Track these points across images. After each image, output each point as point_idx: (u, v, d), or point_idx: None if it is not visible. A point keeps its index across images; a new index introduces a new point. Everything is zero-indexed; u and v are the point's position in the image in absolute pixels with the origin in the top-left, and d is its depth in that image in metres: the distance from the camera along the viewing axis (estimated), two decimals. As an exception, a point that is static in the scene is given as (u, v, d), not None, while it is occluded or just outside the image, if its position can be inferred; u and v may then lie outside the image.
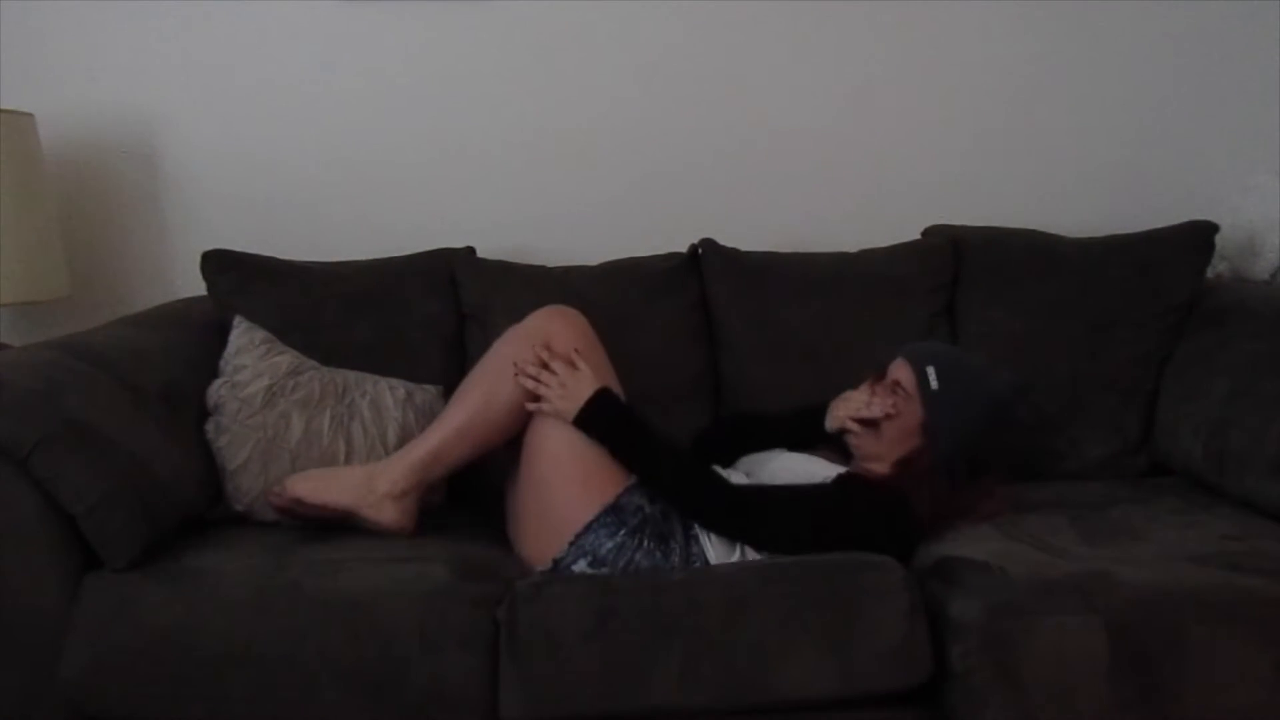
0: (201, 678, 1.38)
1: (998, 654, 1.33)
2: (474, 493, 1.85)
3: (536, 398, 1.61)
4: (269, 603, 1.42)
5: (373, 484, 1.60)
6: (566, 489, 1.58)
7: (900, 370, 1.71)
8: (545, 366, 1.61)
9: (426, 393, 1.87)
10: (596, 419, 1.58)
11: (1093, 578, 1.38)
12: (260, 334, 1.84)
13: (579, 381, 1.59)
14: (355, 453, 1.74)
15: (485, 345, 1.98)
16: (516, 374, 1.61)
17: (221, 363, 1.79)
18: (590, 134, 2.29)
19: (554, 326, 1.66)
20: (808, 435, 1.81)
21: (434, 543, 1.60)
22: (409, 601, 1.41)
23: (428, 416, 1.80)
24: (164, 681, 1.38)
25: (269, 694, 1.38)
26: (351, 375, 1.85)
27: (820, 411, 1.80)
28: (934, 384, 1.65)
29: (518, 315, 1.74)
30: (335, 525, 1.62)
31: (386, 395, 1.82)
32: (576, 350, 1.63)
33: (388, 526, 1.60)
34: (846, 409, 1.75)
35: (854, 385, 1.78)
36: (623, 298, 2.02)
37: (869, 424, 1.70)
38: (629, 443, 1.59)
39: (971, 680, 1.34)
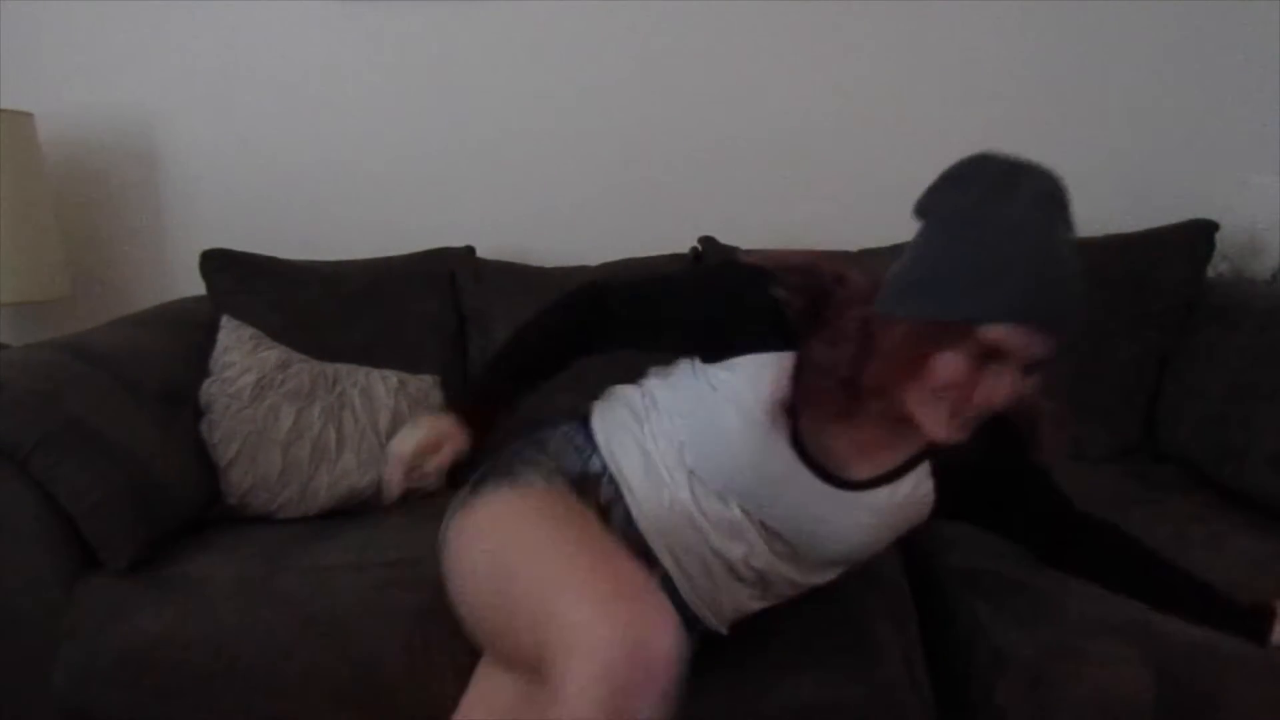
0: (190, 687, 1.37)
1: (1042, 693, 1.29)
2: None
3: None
4: (256, 615, 1.41)
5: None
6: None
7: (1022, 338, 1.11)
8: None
9: (421, 381, 1.87)
10: (474, 404, 1.27)
11: (1139, 624, 1.32)
12: (248, 330, 1.84)
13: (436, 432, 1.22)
14: (347, 441, 1.74)
15: (485, 345, 1.98)
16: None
17: (211, 362, 1.80)
18: (590, 134, 2.29)
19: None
20: None
21: (430, 538, 1.59)
22: (395, 620, 1.39)
23: (421, 404, 1.81)
24: (153, 689, 1.38)
25: (256, 706, 1.37)
26: (343, 367, 1.85)
27: None
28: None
29: (518, 316, 1.73)
30: (331, 527, 1.62)
31: (378, 384, 1.82)
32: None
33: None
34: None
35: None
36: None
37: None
38: (506, 373, 1.32)
39: (1009, 715, 1.30)
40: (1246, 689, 1.28)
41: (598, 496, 1.27)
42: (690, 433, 1.25)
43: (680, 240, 2.13)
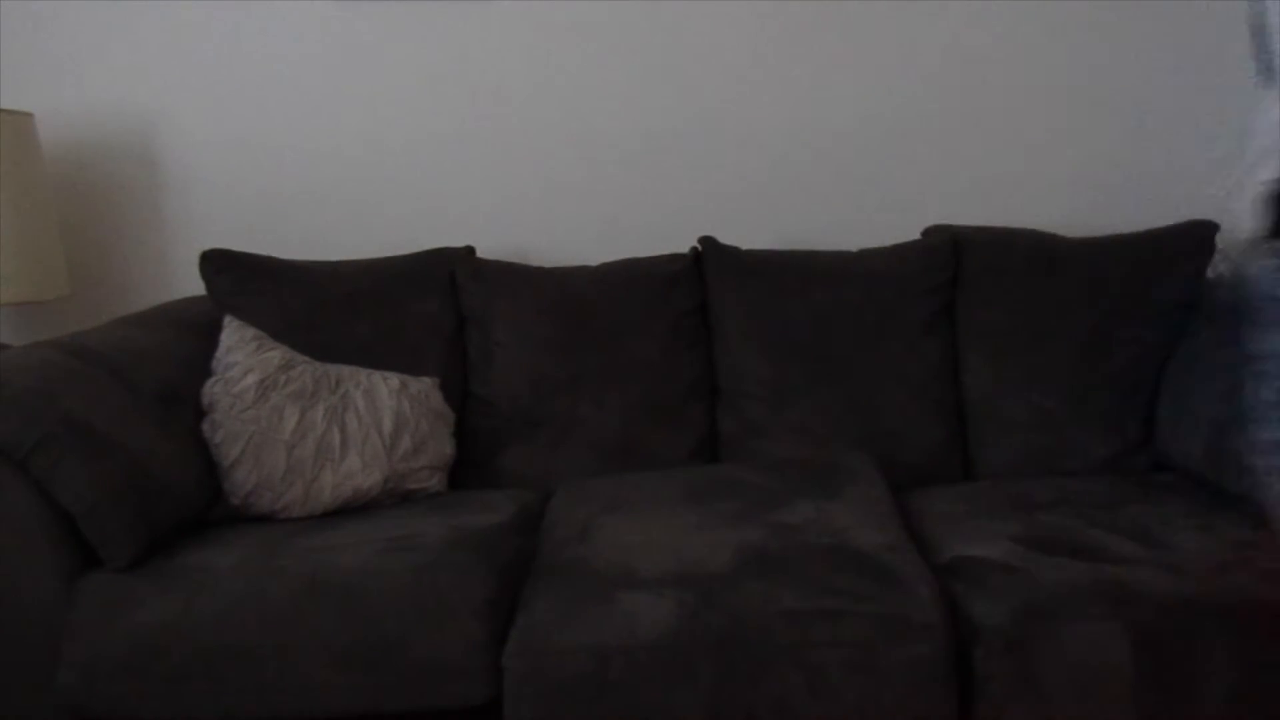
0: (199, 673, 1.38)
1: (1020, 659, 1.32)
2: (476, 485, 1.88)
3: None
4: (258, 589, 1.42)
5: None
6: None
7: None
8: None
9: (421, 383, 1.87)
10: None
11: (1118, 585, 1.36)
12: (250, 331, 1.84)
13: None
14: (351, 442, 1.74)
15: (485, 346, 1.99)
16: None
17: (213, 362, 1.80)
18: (591, 134, 2.28)
19: None
20: None
21: (431, 520, 1.61)
22: (398, 577, 1.42)
23: (423, 405, 1.80)
24: (162, 679, 1.39)
25: (268, 683, 1.39)
26: (345, 368, 1.85)
27: None
28: None
29: (518, 316, 1.74)
30: (333, 521, 1.64)
31: (381, 385, 1.83)
32: None
33: None
34: None
35: (851, 386, 1.75)
36: (623, 298, 2.02)
37: None
38: None
39: (992, 685, 1.33)
40: (1221, 643, 1.31)
41: None
42: None
43: (680, 240, 2.13)
